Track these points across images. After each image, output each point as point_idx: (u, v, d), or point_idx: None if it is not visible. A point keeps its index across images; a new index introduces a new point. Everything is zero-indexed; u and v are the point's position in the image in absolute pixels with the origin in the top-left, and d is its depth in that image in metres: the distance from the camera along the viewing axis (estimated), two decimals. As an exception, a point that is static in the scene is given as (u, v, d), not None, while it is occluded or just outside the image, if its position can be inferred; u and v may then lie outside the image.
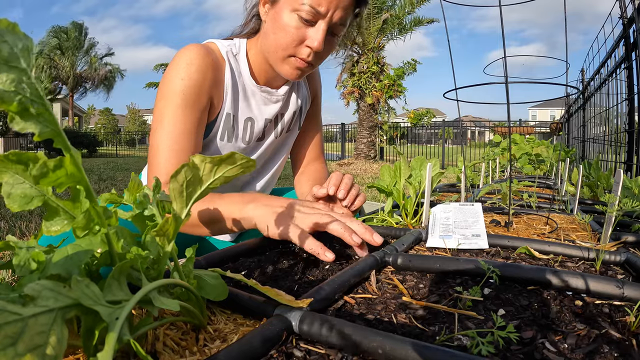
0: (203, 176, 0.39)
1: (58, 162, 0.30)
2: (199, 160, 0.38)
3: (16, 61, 0.27)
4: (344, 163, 10.23)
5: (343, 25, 0.93)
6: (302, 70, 0.96)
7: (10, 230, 2.56)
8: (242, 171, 0.40)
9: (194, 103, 0.92)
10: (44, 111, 0.28)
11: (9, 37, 0.27)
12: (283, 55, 0.94)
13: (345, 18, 0.91)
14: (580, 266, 0.68)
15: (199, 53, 0.94)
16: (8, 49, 0.27)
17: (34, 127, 0.28)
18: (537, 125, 16.05)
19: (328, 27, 0.90)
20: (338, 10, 0.88)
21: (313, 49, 0.90)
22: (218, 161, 0.38)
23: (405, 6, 10.51)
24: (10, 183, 0.31)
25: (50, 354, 0.23)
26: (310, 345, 0.40)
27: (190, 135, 0.92)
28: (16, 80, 0.27)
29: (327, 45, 0.94)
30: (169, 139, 0.90)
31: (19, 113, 0.27)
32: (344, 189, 0.89)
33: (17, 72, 0.27)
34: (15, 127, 0.27)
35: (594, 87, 4.85)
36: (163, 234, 0.39)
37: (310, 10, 0.87)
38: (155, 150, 0.91)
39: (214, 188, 0.41)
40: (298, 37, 0.90)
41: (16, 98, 0.27)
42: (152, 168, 0.92)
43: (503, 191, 1.23)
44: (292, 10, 0.89)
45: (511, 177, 1.08)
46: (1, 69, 0.26)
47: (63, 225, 0.36)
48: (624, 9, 3.20)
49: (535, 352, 0.38)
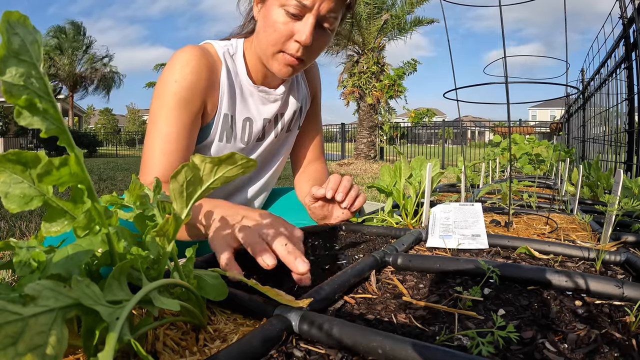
0: (203, 176, 0.39)
1: (63, 160, 0.30)
2: (199, 161, 0.38)
3: (26, 54, 0.27)
4: (344, 163, 10.22)
5: (334, 17, 0.91)
6: (292, 67, 0.95)
7: (10, 230, 2.56)
8: (242, 171, 0.40)
9: (187, 105, 0.93)
10: (51, 108, 0.28)
11: (20, 30, 0.26)
12: (273, 51, 0.93)
13: (334, 9, 0.90)
14: (581, 266, 0.68)
15: (195, 55, 0.94)
16: (19, 42, 0.26)
17: (41, 123, 0.28)
18: (537, 125, 16.05)
19: (316, 20, 0.89)
20: (325, 1, 0.87)
21: (301, 43, 0.89)
22: (218, 161, 0.38)
23: (405, 6, 10.50)
24: (7, 183, 0.31)
25: (50, 353, 0.23)
26: (310, 345, 0.40)
27: (182, 136, 0.93)
28: (25, 75, 0.27)
29: (317, 40, 0.93)
30: (161, 140, 0.92)
31: (26, 108, 0.27)
32: (342, 192, 0.89)
33: (27, 66, 0.27)
34: (22, 122, 0.27)
35: (594, 87, 4.85)
36: (163, 234, 0.39)
37: (296, 5, 0.86)
38: (147, 151, 0.93)
39: (214, 188, 0.41)
40: (286, 32, 0.90)
41: (25, 92, 0.26)
42: (144, 168, 0.93)
43: (503, 191, 1.23)
44: (279, 6, 0.88)
45: (511, 177, 1.08)
46: (11, 62, 0.26)
47: (63, 225, 0.36)
48: (624, 9, 3.20)
49: (535, 352, 0.38)
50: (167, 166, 0.91)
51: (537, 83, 0.98)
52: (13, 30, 0.26)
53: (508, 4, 0.86)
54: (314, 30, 0.90)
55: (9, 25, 0.26)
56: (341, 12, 0.93)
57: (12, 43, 0.26)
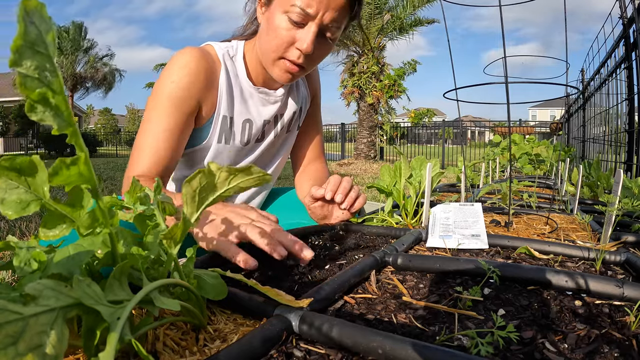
0: (217, 184, 0.39)
1: (74, 160, 0.30)
2: (215, 168, 0.38)
3: (42, 46, 0.26)
4: (344, 163, 10.22)
5: (336, 27, 0.91)
6: (292, 74, 0.95)
7: (10, 230, 2.56)
8: (257, 183, 0.40)
9: (181, 105, 0.94)
10: (63, 104, 0.27)
11: (36, 19, 0.26)
12: (274, 57, 0.93)
13: (337, 19, 0.90)
14: (581, 266, 0.68)
15: (193, 56, 0.95)
16: (36, 32, 0.25)
17: (53, 119, 0.27)
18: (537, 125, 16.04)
19: (319, 29, 0.89)
20: (329, 11, 0.87)
21: (302, 51, 0.89)
22: (235, 171, 0.38)
23: (406, 7, 10.49)
24: (3, 188, 0.30)
25: (50, 353, 0.23)
26: (310, 345, 0.40)
27: (173, 136, 0.94)
28: (40, 68, 0.26)
29: (319, 48, 0.93)
30: (152, 138, 0.93)
31: (40, 102, 0.26)
32: (342, 193, 0.90)
33: (42, 58, 0.26)
34: (34, 117, 0.26)
35: (594, 87, 4.85)
36: (170, 238, 0.39)
37: (300, 12, 0.86)
38: (136, 147, 0.95)
39: (227, 197, 0.41)
40: (288, 39, 0.90)
41: (39, 86, 0.26)
42: (131, 163, 0.94)
43: (503, 191, 1.23)
44: (283, 12, 0.88)
45: (511, 177, 1.08)
46: (27, 53, 0.25)
47: (62, 229, 0.35)
48: (624, 9, 3.20)
49: (535, 352, 0.39)
50: (154, 163, 0.92)
51: (537, 83, 0.98)
52: (30, 19, 0.25)
53: (508, 4, 0.86)
54: (316, 39, 0.89)
55: (25, 14, 0.25)
56: (344, 22, 0.93)
57: (29, 33, 0.25)
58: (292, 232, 0.82)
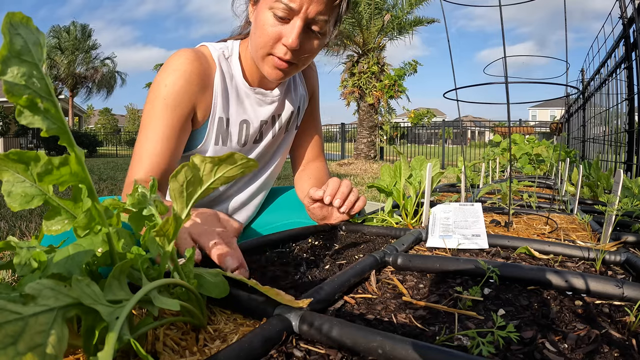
0: (203, 176, 0.39)
1: (63, 159, 0.30)
2: (199, 160, 0.38)
3: (28, 55, 0.27)
4: (344, 163, 10.22)
5: (323, 20, 0.90)
6: (282, 71, 0.95)
7: (10, 230, 2.56)
8: (242, 171, 0.40)
9: (175, 109, 0.94)
10: (52, 107, 0.28)
11: (22, 31, 0.27)
12: (262, 53, 0.93)
13: (323, 12, 0.88)
14: (581, 266, 0.68)
15: (187, 59, 0.95)
16: (21, 43, 0.27)
17: (41, 122, 0.28)
18: (537, 125, 16.05)
19: (305, 24, 0.88)
20: (313, 4, 0.86)
21: (287, 46, 0.89)
22: (218, 161, 0.38)
23: (404, 7, 10.49)
24: (10, 181, 0.31)
25: (50, 353, 0.23)
26: (310, 345, 0.40)
27: (169, 139, 0.95)
28: (27, 74, 0.27)
29: (307, 43, 0.92)
30: (149, 143, 0.94)
31: (27, 107, 0.27)
32: (340, 198, 0.90)
33: (29, 66, 0.27)
34: (23, 121, 0.27)
35: (594, 87, 4.85)
36: (163, 234, 0.39)
37: (284, 8, 0.86)
38: (135, 153, 0.96)
39: (214, 188, 0.41)
40: (274, 35, 0.90)
41: (26, 92, 0.27)
42: (131, 169, 0.95)
43: (503, 191, 1.23)
44: (268, 9, 0.88)
45: (511, 177, 1.08)
46: (13, 62, 0.26)
47: (64, 224, 0.36)
48: (624, 9, 3.20)
49: (535, 352, 0.38)
50: (151, 167, 0.93)
51: (537, 83, 0.98)
52: (15, 30, 0.26)
53: (508, 4, 0.86)
54: (303, 34, 0.89)
55: (11, 26, 0.26)
56: (332, 14, 0.92)
57: (14, 44, 0.26)
58: (292, 232, 0.83)
